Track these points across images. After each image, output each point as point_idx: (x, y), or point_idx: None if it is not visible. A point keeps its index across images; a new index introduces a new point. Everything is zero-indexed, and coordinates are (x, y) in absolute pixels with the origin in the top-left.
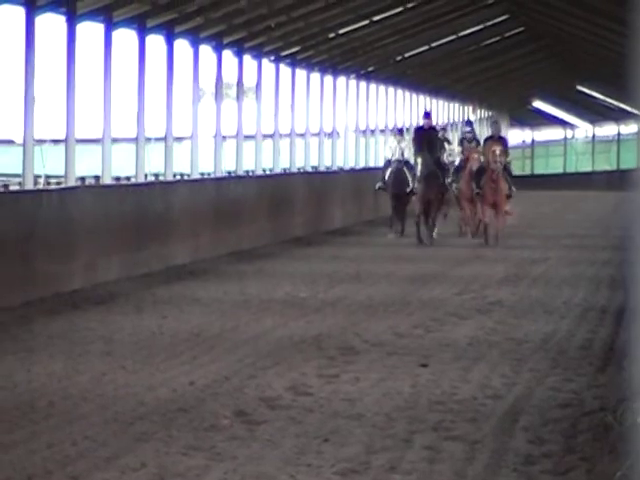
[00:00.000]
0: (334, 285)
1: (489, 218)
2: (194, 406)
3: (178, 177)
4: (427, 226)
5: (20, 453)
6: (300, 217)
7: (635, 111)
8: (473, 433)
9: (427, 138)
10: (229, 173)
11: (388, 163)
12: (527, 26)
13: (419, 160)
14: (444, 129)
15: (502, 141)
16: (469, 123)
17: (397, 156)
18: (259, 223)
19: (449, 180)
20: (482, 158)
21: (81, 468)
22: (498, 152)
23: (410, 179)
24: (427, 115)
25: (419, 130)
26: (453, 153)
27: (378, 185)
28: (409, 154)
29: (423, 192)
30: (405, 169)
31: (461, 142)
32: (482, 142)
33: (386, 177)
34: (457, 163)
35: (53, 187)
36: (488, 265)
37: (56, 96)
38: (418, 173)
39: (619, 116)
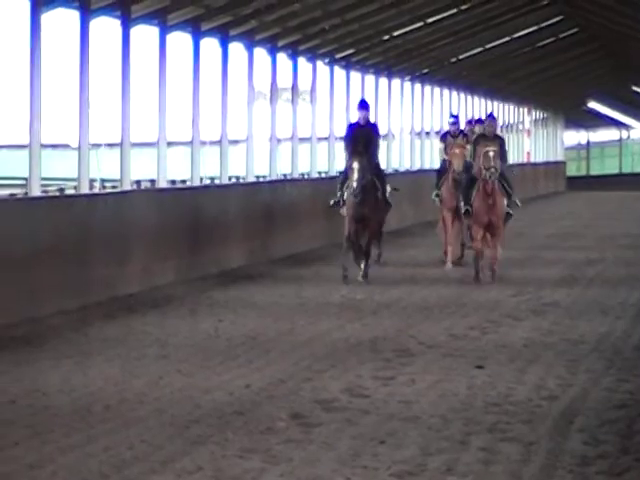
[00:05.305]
0: (390, 287)
1: (482, 244)
2: (250, 409)
3: (233, 180)
4: (360, 254)
5: (76, 457)
6: None
7: None
8: (528, 434)
9: (363, 137)
10: (284, 176)
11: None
12: (581, 27)
13: (354, 166)
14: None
15: (499, 142)
16: (454, 117)
17: None
18: (315, 226)
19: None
20: (467, 154)
21: (137, 472)
22: (492, 154)
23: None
24: (364, 105)
25: (352, 127)
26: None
27: (333, 200)
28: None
29: (356, 208)
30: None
31: (444, 137)
32: (472, 143)
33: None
34: (439, 165)
35: (108, 191)
36: (543, 266)
37: (111, 100)
38: (354, 183)
39: None
